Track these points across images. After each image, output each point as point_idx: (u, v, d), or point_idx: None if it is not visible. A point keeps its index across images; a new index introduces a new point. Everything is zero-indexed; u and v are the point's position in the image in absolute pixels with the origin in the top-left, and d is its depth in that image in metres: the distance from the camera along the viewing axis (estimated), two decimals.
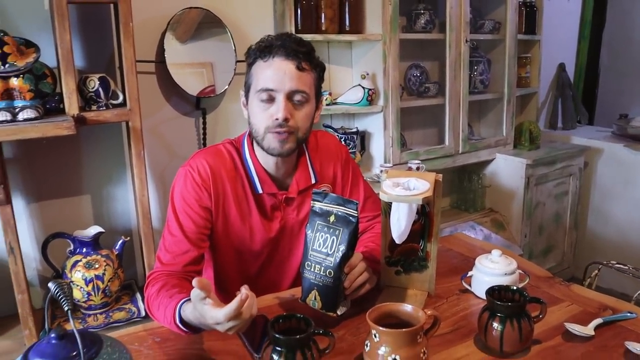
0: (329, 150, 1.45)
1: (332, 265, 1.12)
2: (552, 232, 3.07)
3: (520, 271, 1.31)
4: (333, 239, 1.13)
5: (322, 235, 1.14)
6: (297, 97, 1.25)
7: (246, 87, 1.31)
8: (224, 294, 1.42)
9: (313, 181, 1.40)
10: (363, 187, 1.49)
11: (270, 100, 1.24)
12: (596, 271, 1.64)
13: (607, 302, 1.26)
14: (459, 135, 2.73)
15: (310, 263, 1.14)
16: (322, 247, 1.14)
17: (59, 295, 0.78)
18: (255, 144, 1.34)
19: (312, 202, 1.18)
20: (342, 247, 1.12)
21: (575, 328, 1.11)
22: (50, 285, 0.81)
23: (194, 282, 0.93)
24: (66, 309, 0.78)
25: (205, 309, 0.96)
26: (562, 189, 3.05)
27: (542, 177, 2.90)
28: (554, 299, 1.28)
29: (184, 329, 1.07)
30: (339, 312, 1.15)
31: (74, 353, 0.77)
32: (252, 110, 1.29)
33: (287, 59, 1.23)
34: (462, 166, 2.91)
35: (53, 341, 0.79)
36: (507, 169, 2.91)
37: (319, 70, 1.31)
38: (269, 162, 1.34)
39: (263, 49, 1.25)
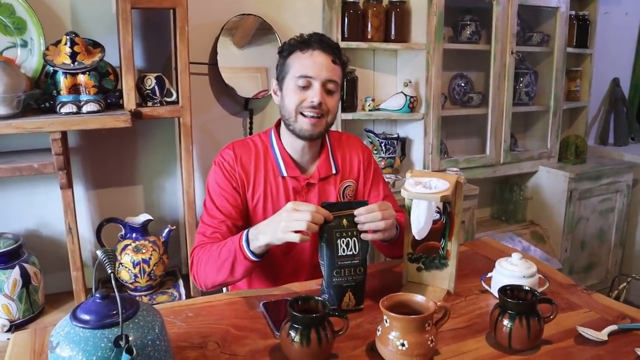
0: (352, 148, 1.59)
1: (360, 262, 1.23)
2: (595, 248, 3.02)
3: (541, 276, 1.34)
4: (354, 239, 1.23)
5: (343, 241, 1.23)
6: (330, 86, 1.42)
7: (281, 75, 1.46)
8: (254, 276, 1.55)
9: (334, 172, 1.53)
10: (382, 186, 1.60)
11: (307, 86, 1.41)
12: (625, 284, 1.62)
13: (628, 311, 1.26)
14: (501, 145, 2.74)
15: (339, 270, 1.22)
16: (347, 251, 1.23)
17: (104, 261, 0.90)
18: (283, 131, 1.49)
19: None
20: (363, 243, 1.23)
21: (588, 332, 1.14)
22: (98, 252, 0.93)
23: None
24: (109, 271, 0.89)
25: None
26: (608, 205, 2.99)
27: (586, 192, 2.86)
28: (572, 304, 1.30)
29: (249, 253, 1.24)
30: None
31: (114, 312, 0.88)
32: (286, 93, 1.44)
33: (324, 52, 1.41)
34: (504, 177, 2.91)
35: (97, 300, 0.90)
36: (550, 181, 2.89)
37: (344, 66, 1.48)
38: (295, 147, 1.49)
39: (302, 43, 1.43)
